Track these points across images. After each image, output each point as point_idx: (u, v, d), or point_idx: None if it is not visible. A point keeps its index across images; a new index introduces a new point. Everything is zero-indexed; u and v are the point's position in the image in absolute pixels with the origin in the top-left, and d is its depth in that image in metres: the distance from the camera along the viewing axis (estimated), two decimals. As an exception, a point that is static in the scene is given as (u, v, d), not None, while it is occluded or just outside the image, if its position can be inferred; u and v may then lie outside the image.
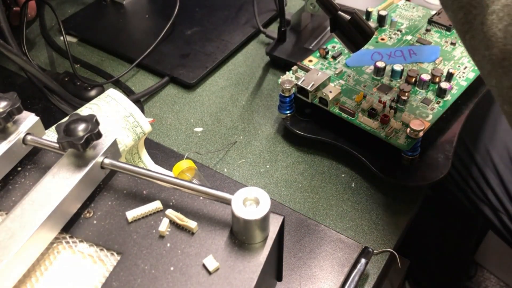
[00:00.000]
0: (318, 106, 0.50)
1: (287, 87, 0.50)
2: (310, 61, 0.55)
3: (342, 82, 0.52)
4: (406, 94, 0.48)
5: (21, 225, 0.29)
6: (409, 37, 0.57)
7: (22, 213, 0.30)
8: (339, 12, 0.43)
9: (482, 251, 1.01)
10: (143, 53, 0.62)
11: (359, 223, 0.46)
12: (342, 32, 0.44)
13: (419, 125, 0.45)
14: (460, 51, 0.54)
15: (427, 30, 0.57)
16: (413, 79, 0.50)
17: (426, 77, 0.50)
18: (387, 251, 0.43)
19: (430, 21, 0.58)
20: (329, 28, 0.48)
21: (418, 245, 0.78)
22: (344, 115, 0.48)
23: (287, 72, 0.53)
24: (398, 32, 0.57)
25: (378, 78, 0.52)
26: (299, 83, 0.49)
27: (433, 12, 0.59)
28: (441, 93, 0.49)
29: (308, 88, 0.48)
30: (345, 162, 0.51)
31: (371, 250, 0.42)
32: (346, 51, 0.55)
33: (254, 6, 0.65)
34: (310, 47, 0.61)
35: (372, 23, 0.58)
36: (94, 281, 0.30)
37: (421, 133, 0.45)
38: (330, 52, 0.55)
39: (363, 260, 0.41)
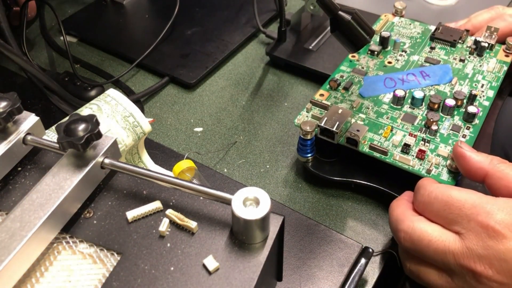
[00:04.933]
0: (342, 146, 0.46)
1: (309, 130, 0.45)
2: (322, 95, 0.51)
3: (362, 116, 0.48)
4: (435, 123, 0.45)
5: (21, 225, 0.29)
6: (415, 57, 0.54)
7: (22, 213, 0.30)
8: (340, 12, 0.43)
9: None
10: (143, 53, 0.62)
11: (359, 223, 0.46)
12: (342, 32, 0.44)
13: None
14: (470, 67, 0.52)
15: (432, 48, 0.55)
16: (436, 105, 0.47)
17: (451, 102, 0.47)
18: (387, 251, 0.43)
19: (433, 38, 0.56)
20: (329, 28, 0.48)
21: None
22: (376, 154, 0.45)
23: (302, 112, 0.49)
24: (403, 53, 0.55)
25: (399, 107, 0.49)
26: (322, 124, 0.45)
27: (431, 27, 0.57)
28: (469, 117, 0.46)
29: (334, 129, 0.45)
30: (345, 162, 0.51)
31: (371, 250, 0.42)
32: (356, 79, 0.52)
33: (254, 6, 0.65)
34: (310, 47, 0.61)
35: (374, 46, 0.55)
36: (94, 281, 0.30)
37: None
38: (341, 83, 0.52)
39: (363, 260, 0.41)
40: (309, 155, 0.48)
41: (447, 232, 0.35)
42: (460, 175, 0.43)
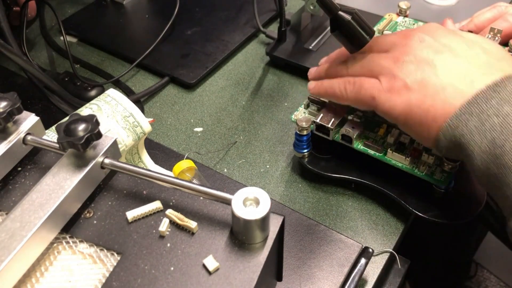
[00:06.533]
0: (337, 143, 0.47)
1: (305, 126, 0.46)
2: None
3: (359, 113, 0.48)
4: None
5: (21, 225, 0.29)
6: None
7: (22, 213, 0.30)
8: (340, 12, 0.43)
9: (482, 251, 1.01)
10: (143, 53, 0.62)
11: (359, 223, 0.46)
12: (342, 32, 0.44)
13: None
14: None
15: None
16: None
17: None
18: (387, 251, 0.43)
19: None
20: (329, 28, 0.48)
21: (418, 245, 0.78)
22: (370, 151, 0.45)
23: (299, 108, 0.50)
24: None
25: None
26: (317, 120, 0.46)
27: None
28: None
29: (329, 125, 0.45)
30: (345, 162, 0.51)
31: (371, 250, 0.42)
32: None
33: (254, 6, 0.65)
34: (310, 47, 0.61)
35: None
36: (94, 281, 0.30)
37: (457, 164, 0.42)
38: None
39: (363, 260, 0.41)
40: (305, 150, 0.48)
41: None
42: (454, 176, 0.43)
